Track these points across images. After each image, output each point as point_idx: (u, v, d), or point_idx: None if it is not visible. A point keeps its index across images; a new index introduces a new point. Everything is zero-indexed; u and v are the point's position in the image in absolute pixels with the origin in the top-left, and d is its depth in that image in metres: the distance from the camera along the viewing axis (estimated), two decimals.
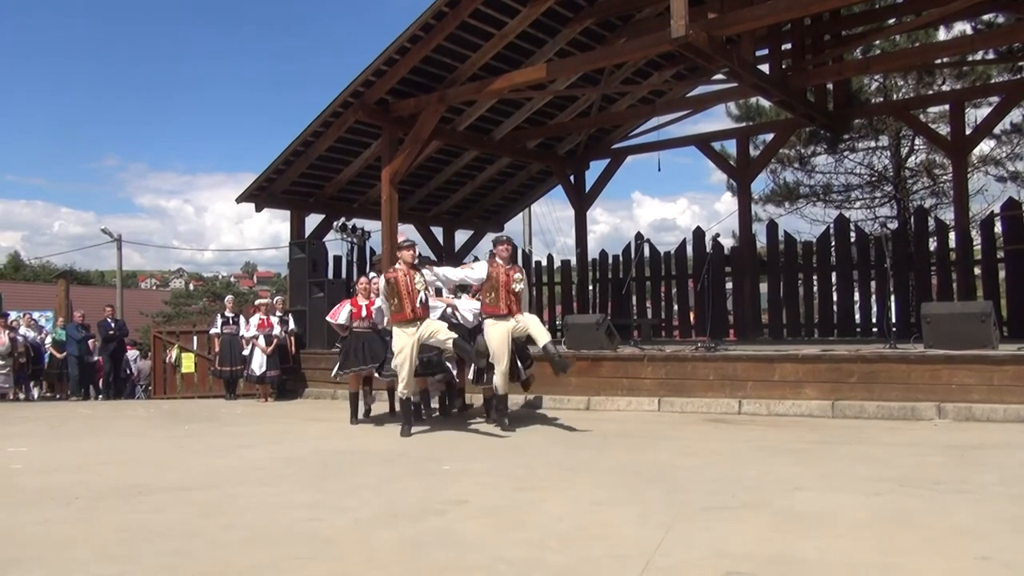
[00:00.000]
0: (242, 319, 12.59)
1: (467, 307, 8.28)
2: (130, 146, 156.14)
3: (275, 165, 12.64)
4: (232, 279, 59.45)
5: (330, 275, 13.81)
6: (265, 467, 5.95)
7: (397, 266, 7.66)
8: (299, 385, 12.43)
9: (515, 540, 3.73)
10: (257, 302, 13.91)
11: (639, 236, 15.16)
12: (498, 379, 7.50)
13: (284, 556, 3.56)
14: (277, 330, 12.07)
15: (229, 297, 15.08)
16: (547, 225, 75.42)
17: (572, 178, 15.50)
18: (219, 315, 13.23)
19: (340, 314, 8.72)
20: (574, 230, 15.73)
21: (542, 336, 7.39)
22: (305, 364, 12.51)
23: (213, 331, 12.90)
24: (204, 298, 40.84)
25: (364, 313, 8.69)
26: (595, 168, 15.52)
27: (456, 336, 7.41)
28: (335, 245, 14.38)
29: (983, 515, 3.93)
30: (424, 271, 7.71)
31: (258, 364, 11.86)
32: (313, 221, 14.09)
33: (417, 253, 7.86)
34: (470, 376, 8.19)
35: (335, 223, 13.98)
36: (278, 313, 12.40)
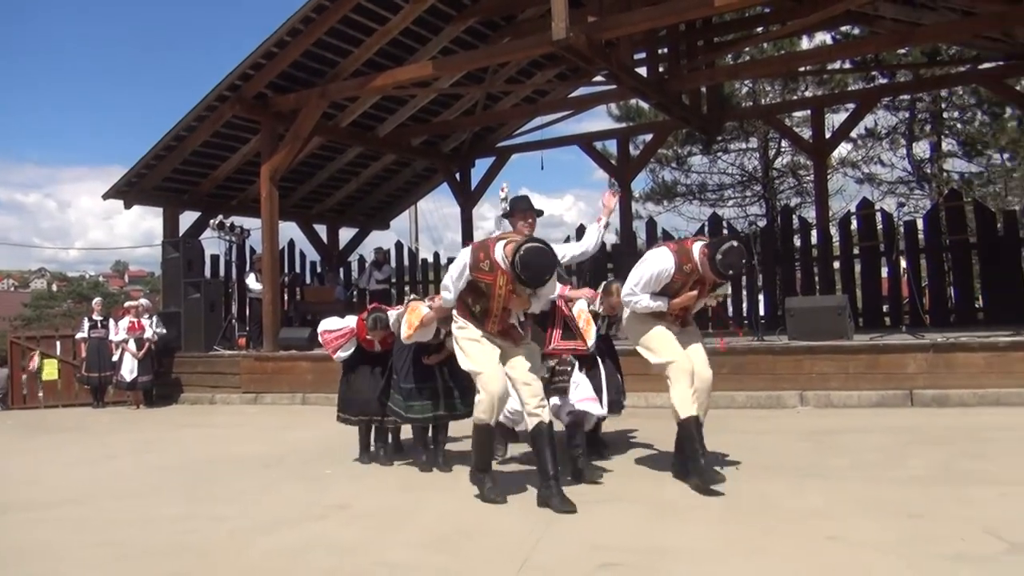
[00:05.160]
0: (111, 322, 11.93)
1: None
2: None
3: (145, 160, 12.06)
4: (101, 279, 56.41)
5: (207, 274, 13.32)
6: (137, 478, 5.70)
7: (500, 252, 4.35)
8: (173, 391, 11.89)
9: (396, 543, 3.74)
10: (127, 304, 13.22)
11: None
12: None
13: (156, 573, 3.44)
14: (149, 333, 11.52)
15: (97, 299, 14.21)
16: (434, 222, 75.34)
17: (458, 175, 15.50)
18: (86, 318, 12.50)
19: (343, 348, 5.96)
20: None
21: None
22: (180, 368, 11.96)
23: (79, 335, 12.18)
24: (69, 300, 38.46)
25: (378, 349, 5.88)
26: (481, 166, 15.62)
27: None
28: (213, 243, 13.87)
29: (835, 498, 4.23)
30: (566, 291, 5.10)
31: (128, 369, 11.27)
32: (190, 219, 13.56)
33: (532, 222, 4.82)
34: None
35: (212, 221, 13.45)
36: (150, 316, 11.82)
